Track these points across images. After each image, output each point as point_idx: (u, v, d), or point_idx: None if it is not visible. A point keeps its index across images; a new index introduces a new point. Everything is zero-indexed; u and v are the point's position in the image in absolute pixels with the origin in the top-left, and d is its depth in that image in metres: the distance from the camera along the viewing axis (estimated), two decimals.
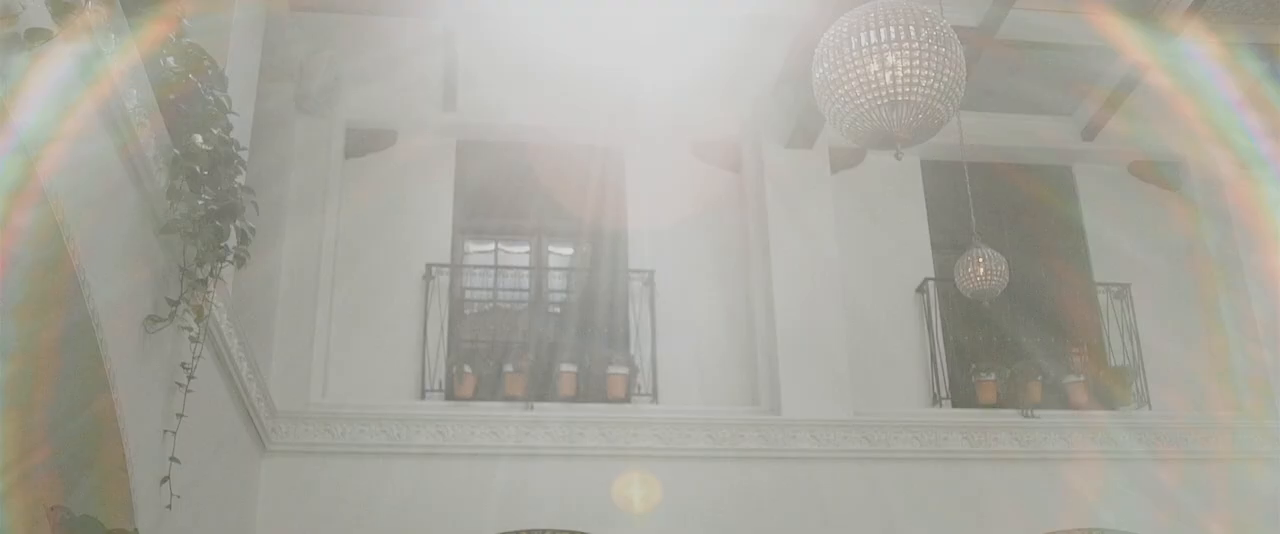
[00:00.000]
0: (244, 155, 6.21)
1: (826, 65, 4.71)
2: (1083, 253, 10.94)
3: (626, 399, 9.41)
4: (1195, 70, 10.30)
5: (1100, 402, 10.05)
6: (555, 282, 10.38)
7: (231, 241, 5.91)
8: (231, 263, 6.01)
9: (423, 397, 9.29)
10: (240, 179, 5.95)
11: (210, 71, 5.66)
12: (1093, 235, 10.99)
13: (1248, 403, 10.12)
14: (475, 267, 10.17)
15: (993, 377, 9.92)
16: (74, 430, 4.89)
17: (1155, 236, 11.01)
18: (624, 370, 9.47)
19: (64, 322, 4.50)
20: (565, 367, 9.45)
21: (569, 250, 10.61)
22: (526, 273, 10.24)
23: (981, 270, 8.08)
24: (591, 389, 9.50)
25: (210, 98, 5.61)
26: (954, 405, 9.91)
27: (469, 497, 8.77)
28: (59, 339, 4.54)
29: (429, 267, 9.69)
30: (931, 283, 10.31)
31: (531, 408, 9.15)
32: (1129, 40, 9.87)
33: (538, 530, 8.77)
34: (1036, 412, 9.75)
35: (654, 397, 9.54)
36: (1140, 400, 10.09)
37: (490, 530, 8.67)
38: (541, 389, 9.36)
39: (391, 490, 8.69)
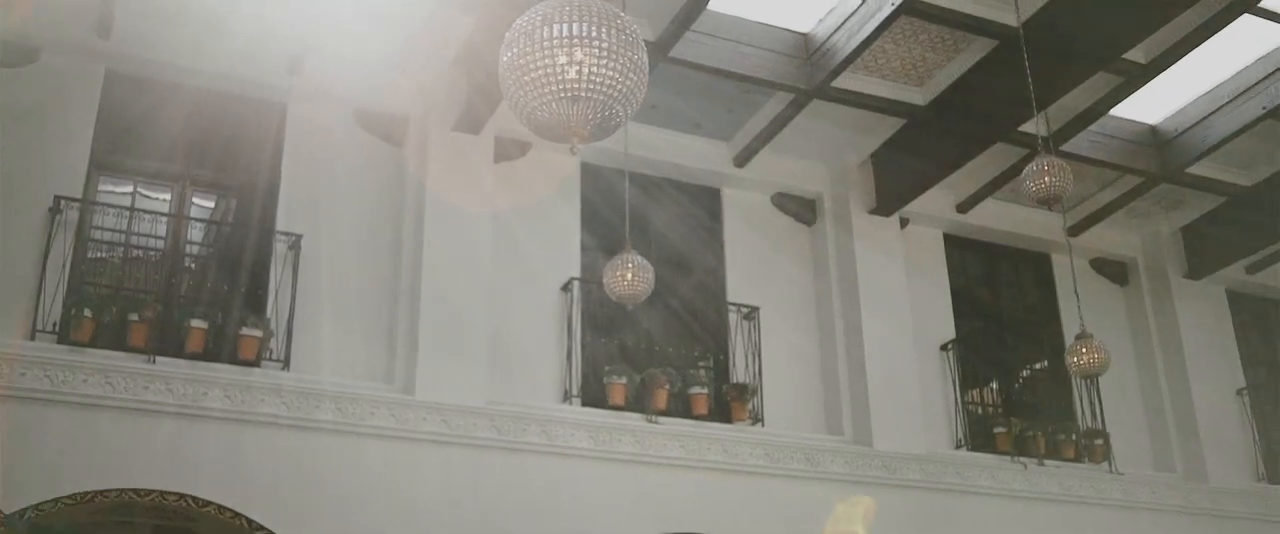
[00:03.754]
0: None
1: (516, 50, 4.71)
2: (721, 272, 11.47)
3: (257, 363, 9.09)
4: (843, 114, 11.05)
5: (720, 415, 10.58)
6: (195, 233, 9.92)
7: None
8: None
9: (33, 337, 8.61)
10: None
11: None
12: (731, 256, 11.54)
13: (850, 429, 10.91)
14: (110, 206, 9.52)
15: (624, 380, 10.21)
16: None
17: (787, 265, 11.71)
18: (258, 333, 9.13)
19: None
20: (195, 322, 8.99)
21: (212, 203, 10.16)
22: (165, 220, 9.71)
23: (630, 276, 8.33)
24: (221, 349, 9.10)
25: None
26: (583, 404, 10.14)
27: (74, 449, 8.20)
28: None
29: (58, 199, 8.99)
30: (577, 282, 10.54)
31: (153, 361, 8.67)
32: (786, 81, 10.45)
33: (148, 490, 8.32)
34: (661, 418, 10.13)
35: (286, 364, 9.25)
36: (755, 417, 10.67)
37: (96, 487, 8.15)
38: (167, 343, 8.88)
39: None
